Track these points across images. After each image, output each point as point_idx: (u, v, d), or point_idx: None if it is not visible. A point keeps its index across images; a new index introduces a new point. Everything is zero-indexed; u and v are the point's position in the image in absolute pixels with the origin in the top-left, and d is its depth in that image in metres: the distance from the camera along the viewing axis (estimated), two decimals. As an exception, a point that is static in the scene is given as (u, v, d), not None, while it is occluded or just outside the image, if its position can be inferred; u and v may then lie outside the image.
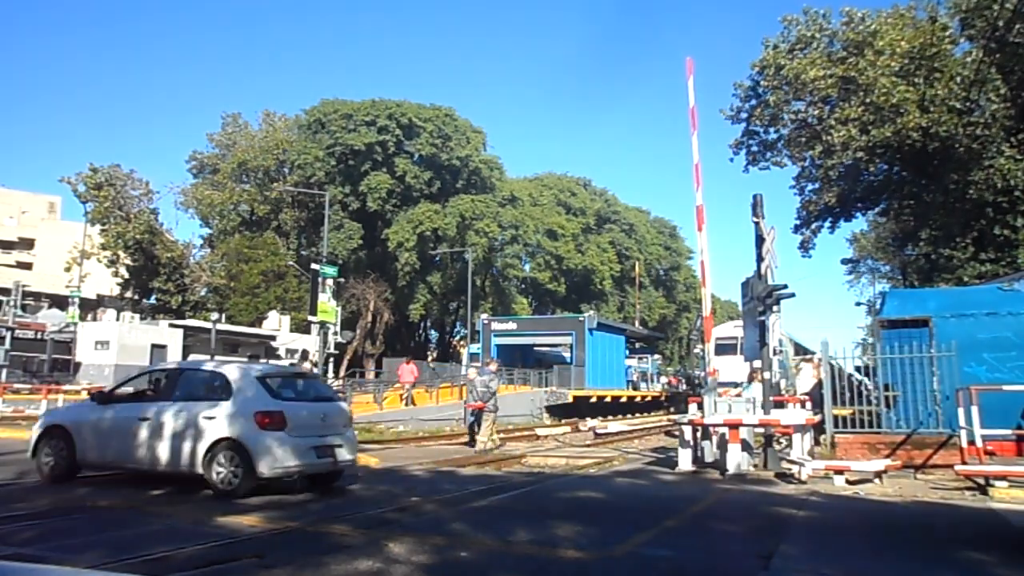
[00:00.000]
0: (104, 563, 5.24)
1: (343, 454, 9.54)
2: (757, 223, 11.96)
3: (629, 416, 34.67)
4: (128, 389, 10.63)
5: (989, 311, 11.92)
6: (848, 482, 10.20)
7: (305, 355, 22.41)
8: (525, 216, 52.29)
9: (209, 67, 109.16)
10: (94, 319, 37.50)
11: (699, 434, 12.01)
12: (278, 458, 8.70)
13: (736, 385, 17.89)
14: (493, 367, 17.31)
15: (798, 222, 28.48)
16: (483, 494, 9.26)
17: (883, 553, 6.11)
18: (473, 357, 41.99)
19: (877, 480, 10.22)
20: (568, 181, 63.85)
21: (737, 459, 11.16)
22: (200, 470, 8.83)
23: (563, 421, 28.13)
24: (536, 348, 42.99)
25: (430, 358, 48.43)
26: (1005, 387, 10.38)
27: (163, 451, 9.10)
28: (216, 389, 9.27)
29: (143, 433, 9.23)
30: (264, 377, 9.43)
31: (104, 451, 9.59)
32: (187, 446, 8.93)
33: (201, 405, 9.08)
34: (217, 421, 8.86)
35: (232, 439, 8.71)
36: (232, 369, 9.67)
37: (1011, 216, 21.89)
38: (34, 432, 10.05)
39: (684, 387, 43.80)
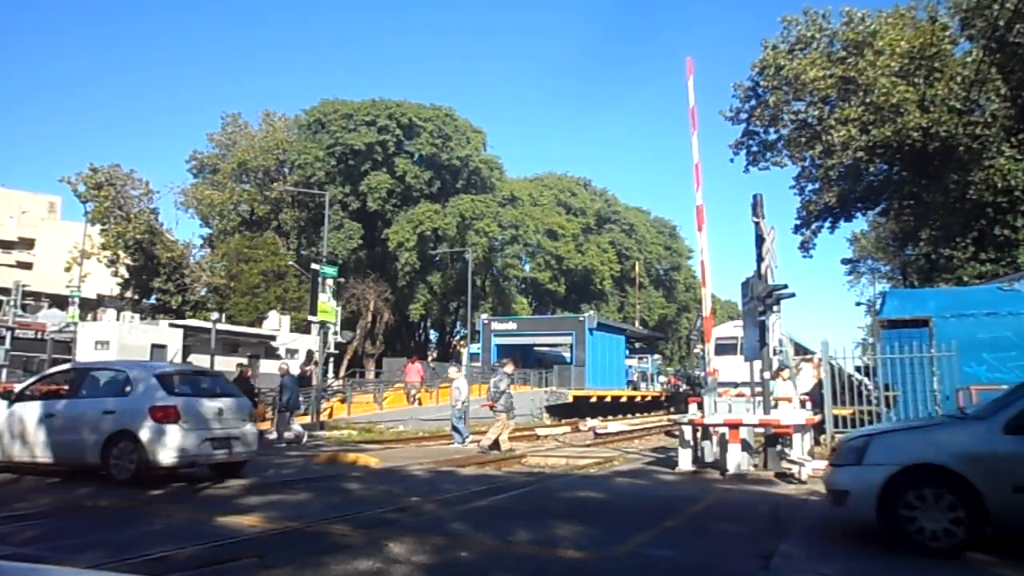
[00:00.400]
0: (104, 563, 5.24)
1: (239, 446, 10.26)
2: (757, 223, 11.95)
3: (629, 416, 34.67)
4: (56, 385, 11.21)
5: (989, 311, 11.93)
6: (848, 482, 10.18)
7: (310, 356, 22.47)
8: (525, 216, 52.28)
9: (209, 67, 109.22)
10: (94, 319, 37.45)
11: (699, 434, 12.01)
12: (171, 449, 9.35)
13: (736, 385, 17.87)
14: (508, 368, 17.10)
15: (798, 222, 28.50)
16: (483, 494, 9.26)
17: (883, 553, 6.11)
18: (473, 357, 42.00)
19: (877, 480, 10.21)
20: (568, 181, 63.83)
21: (737, 459, 11.16)
22: (99, 462, 9.45)
23: (563, 421, 28.13)
24: (536, 348, 43.00)
25: (430, 358, 48.41)
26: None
27: (66, 446, 9.75)
28: (118, 386, 9.93)
29: (48, 429, 9.86)
30: (163, 375, 10.09)
31: (11, 448, 10.14)
32: (88, 440, 9.57)
33: (103, 401, 9.73)
34: (116, 416, 9.50)
35: (128, 431, 9.34)
36: (133, 367, 10.45)
37: (1011, 216, 21.90)
38: None
39: (684, 387, 43.79)
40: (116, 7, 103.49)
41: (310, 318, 23.37)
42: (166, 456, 9.35)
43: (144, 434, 9.29)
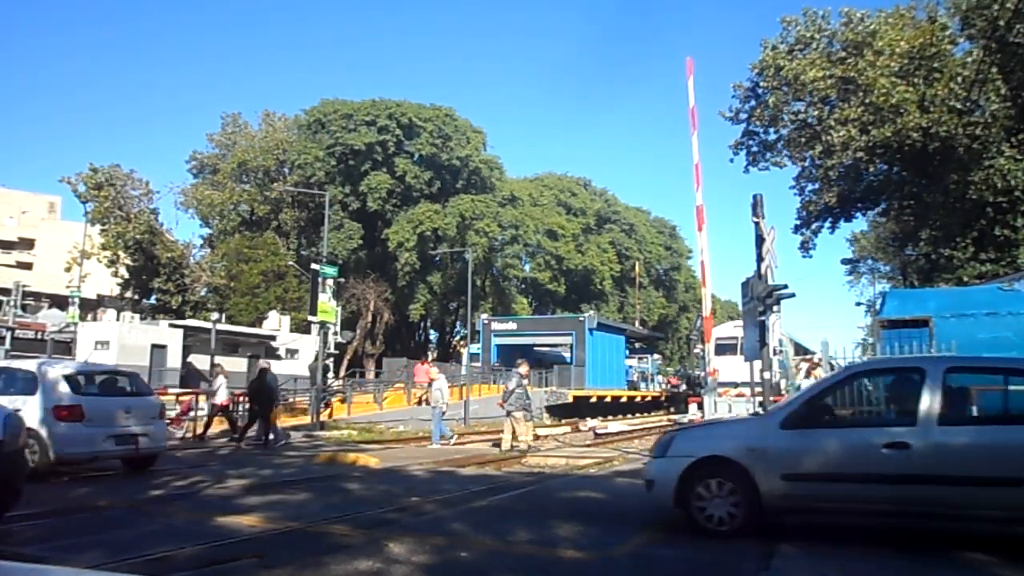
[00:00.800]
0: (104, 563, 5.24)
1: (146, 442, 10.86)
2: (757, 223, 11.96)
3: (629, 416, 34.67)
4: None
5: (989, 311, 11.94)
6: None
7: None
8: (525, 216, 52.28)
9: (209, 67, 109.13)
10: (94, 319, 37.43)
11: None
12: (71, 445, 9.97)
13: (736, 385, 17.89)
14: (523, 368, 16.90)
15: (798, 222, 28.49)
16: (483, 494, 9.26)
17: (883, 553, 6.11)
18: (473, 357, 42.01)
19: (877, 480, 10.20)
20: (568, 181, 63.83)
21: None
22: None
23: (563, 421, 28.13)
24: (536, 348, 42.99)
25: (430, 358, 48.44)
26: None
27: None
28: (27, 385, 10.41)
29: None
30: (71, 374, 10.65)
31: None
32: None
33: (13, 400, 10.06)
34: (21, 413, 9.84)
35: (32, 429, 9.68)
36: (42, 366, 10.98)
37: (1011, 216, 21.91)
38: None
39: (684, 387, 43.82)
40: (116, 7, 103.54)
41: (310, 318, 23.38)
42: (65, 451, 9.97)
43: (47, 432, 9.82)
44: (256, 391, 16.73)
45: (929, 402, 6.13)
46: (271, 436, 16.44)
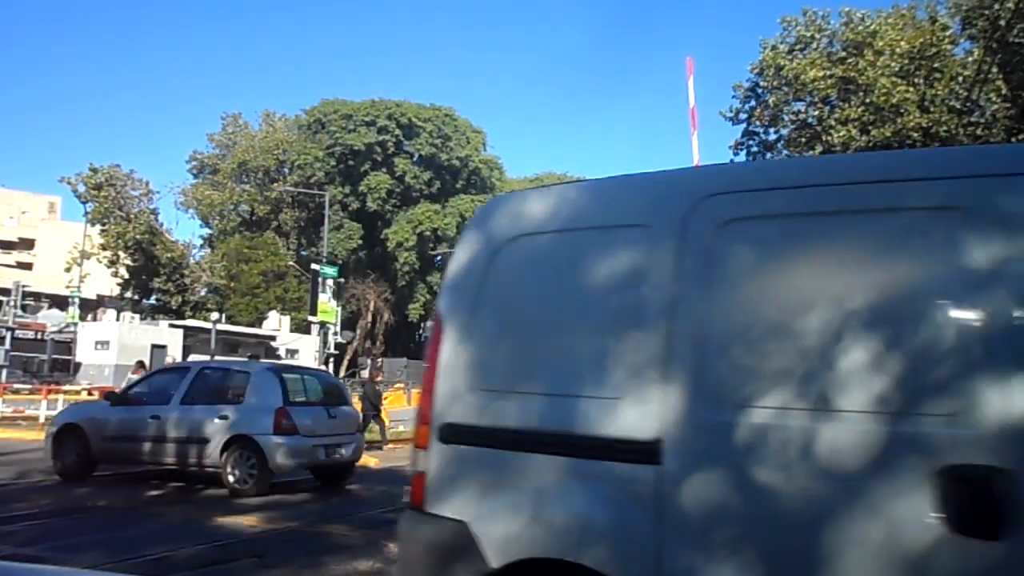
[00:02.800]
0: (104, 563, 5.24)
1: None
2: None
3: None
4: None
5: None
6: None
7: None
8: (525, 216, 52.26)
9: (209, 67, 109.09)
10: (94, 319, 37.44)
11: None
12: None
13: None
14: None
15: (798, 222, 28.48)
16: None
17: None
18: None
19: (877, 480, 10.20)
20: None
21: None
22: None
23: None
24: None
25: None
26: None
27: None
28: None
29: None
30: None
31: None
32: None
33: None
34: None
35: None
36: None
37: (1011, 216, 21.90)
38: None
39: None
40: (116, 7, 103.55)
41: (310, 318, 23.43)
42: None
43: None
44: (373, 394, 16.93)
45: (180, 388, 9.48)
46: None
